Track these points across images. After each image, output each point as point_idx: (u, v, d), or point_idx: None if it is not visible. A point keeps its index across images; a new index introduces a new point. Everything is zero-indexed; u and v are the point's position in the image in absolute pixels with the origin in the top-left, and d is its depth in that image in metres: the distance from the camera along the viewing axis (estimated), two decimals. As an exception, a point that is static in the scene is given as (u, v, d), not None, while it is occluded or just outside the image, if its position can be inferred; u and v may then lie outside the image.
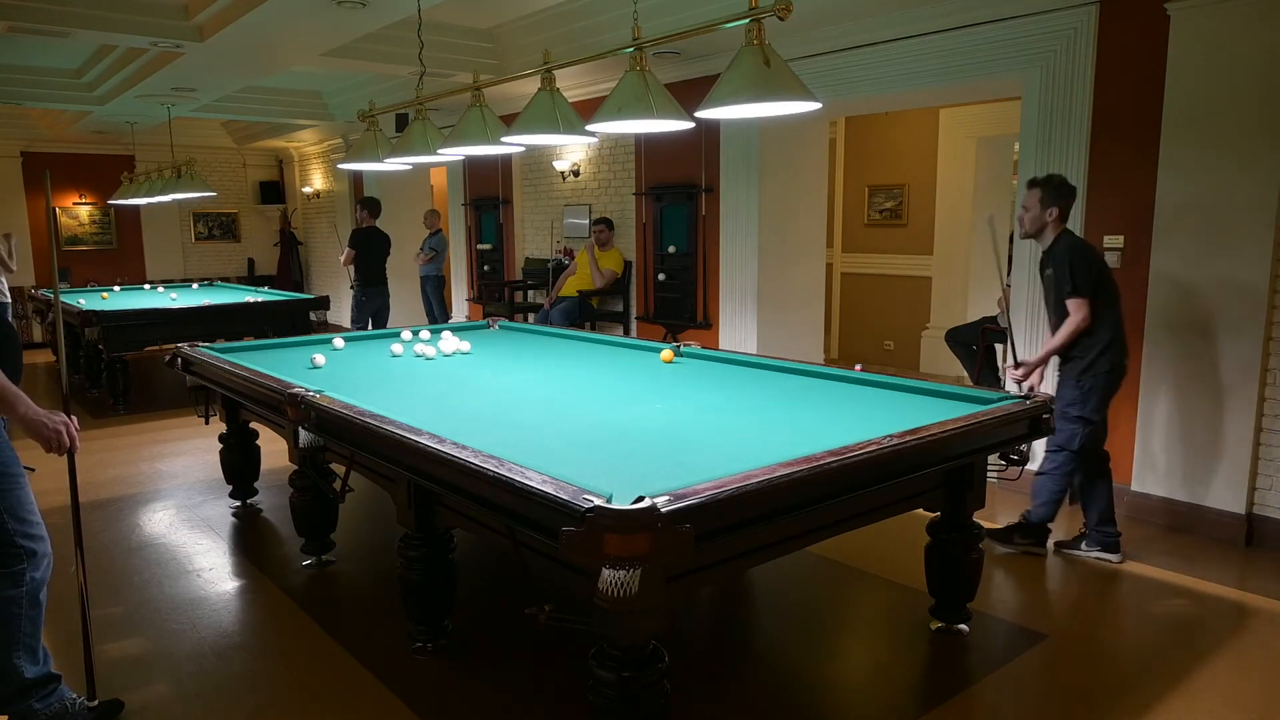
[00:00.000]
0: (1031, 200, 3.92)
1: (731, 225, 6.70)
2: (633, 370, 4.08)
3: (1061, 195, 3.89)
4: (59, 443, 2.43)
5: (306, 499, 3.82)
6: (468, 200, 9.88)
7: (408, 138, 4.24)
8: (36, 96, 8.54)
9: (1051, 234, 3.91)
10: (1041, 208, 3.89)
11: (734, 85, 2.66)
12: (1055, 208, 3.87)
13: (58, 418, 2.42)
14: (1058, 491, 3.99)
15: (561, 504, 2.02)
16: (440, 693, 2.87)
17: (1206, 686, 2.90)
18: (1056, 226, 3.90)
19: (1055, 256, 3.84)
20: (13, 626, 2.46)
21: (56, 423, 2.41)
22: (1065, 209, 3.91)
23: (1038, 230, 3.93)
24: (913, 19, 5.19)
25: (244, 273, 13.52)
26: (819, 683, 3.05)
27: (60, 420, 2.42)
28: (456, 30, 6.93)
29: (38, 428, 2.38)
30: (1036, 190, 3.91)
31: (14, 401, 2.34)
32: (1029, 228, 3.96)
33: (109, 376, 7.19)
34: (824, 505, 2.45)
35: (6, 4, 5.18)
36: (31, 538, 2.49)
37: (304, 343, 4.97)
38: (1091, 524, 4.01)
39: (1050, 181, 3.91)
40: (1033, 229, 3.95)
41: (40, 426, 2.38)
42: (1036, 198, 3.90)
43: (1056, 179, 3.93)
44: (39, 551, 2.51)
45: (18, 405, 2.34)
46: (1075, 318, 3.77)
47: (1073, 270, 3.75)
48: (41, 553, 2.52)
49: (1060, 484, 3.97)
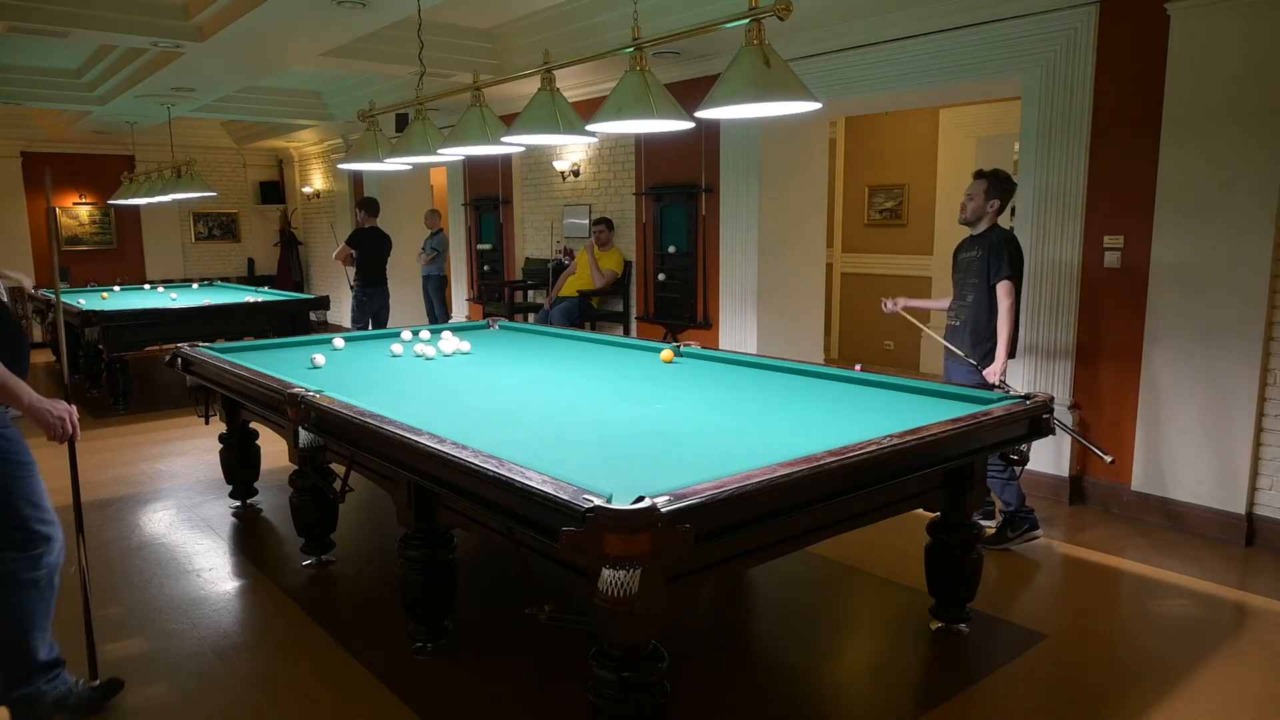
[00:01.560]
0: (977, 190, 4.15)
1: (731, 225, 6.70)
2: (633, 370, 4.08)
3: (1004, 189, 4.13)
4: (62, 430, 2.55)
5: (306, 499, 3.82)
6: (468, 200, 9.88)
7: (408, 138, 4.24)
8: (36, 96, 8.54)
9: (986, 224, 4.16)
10: (985, 199, 4.12)
11: (734, 85, 2.66)
12: (997, 199, 4.12)
13: (60, 406, 2.55)
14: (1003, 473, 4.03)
15: (561, 504, 2.02)
16: (440, 693, 2.87)
17: (1206, 686, 2.90)
18: (992, 218, 4.15)
19: (992, 243, 4.08)
20: (33, 609, 2.59)
21: (60, 411, 2.54)
22: (1005, 202, 4.16)
23: (977, 218, 4.16)
24: (913, 19, 5.19)
25: (244, 273, 13.52)
26: (819, 683, 3.05)
27: (63, 409, 2.55)
28: (456, 30, 6.93)
29: (42, 415, 2.51)
30: (983, 182, 4.13)
31: (18, 391, 2.46)
32: (970, 215, 4.19)
33: (109, 376, 7.18)
34: (824, 505, 2.44)
35: (6, 4, 5.18)
36: (46, 523, 2.61)
37: (304, 343, 4.97)
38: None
39: (996, 175, 4.15)
40: (974, 216, 4.17)
41: (45, 414, 2.52)
42: (982, 189, 4.13)
43: (1002, 174, 4.17)
44: (54, 537, 2.64)
45: (22, 395, 2.47)
46: (1009, 300, 4.03)
47: (1010, 258, 4.03)
48: (56, 538, 2.65)
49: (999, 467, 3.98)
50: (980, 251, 4.11)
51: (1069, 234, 4.68)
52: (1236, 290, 4.09)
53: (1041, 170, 4.74)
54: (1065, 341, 4.76)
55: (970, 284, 4.16)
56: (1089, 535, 4.31)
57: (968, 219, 4.19)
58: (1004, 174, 4.16)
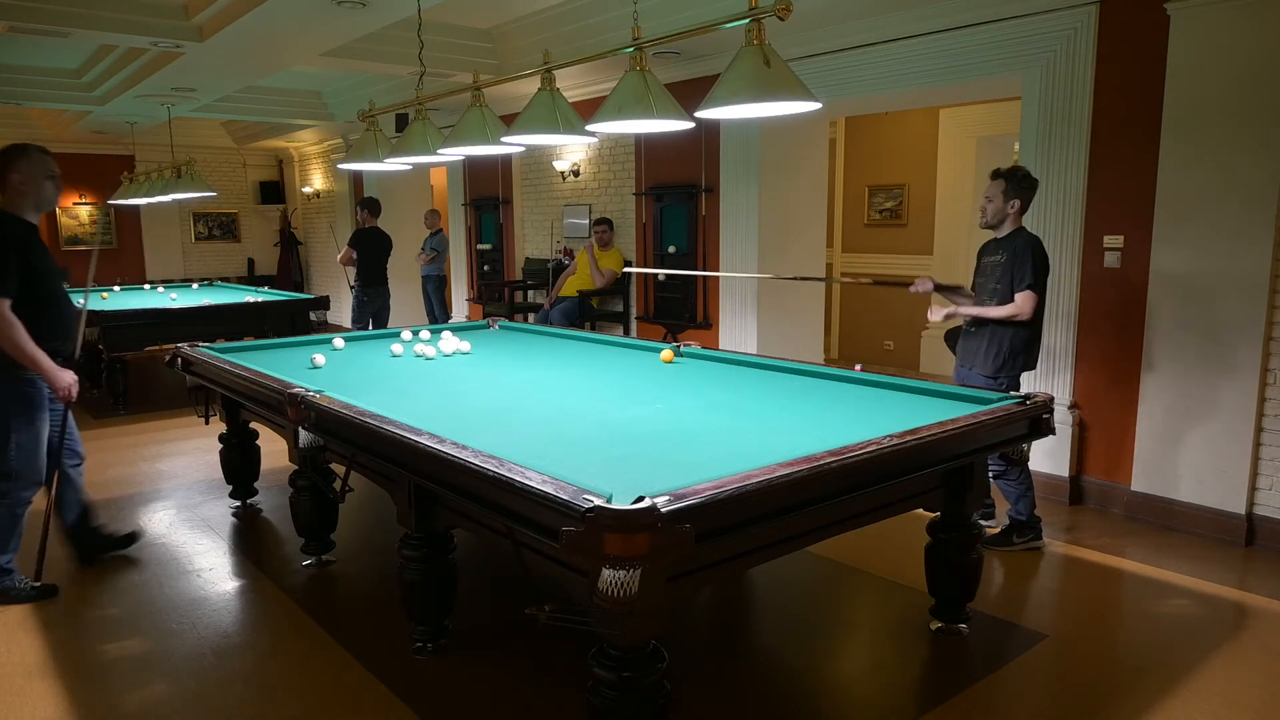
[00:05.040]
0: (995, 192, 3.96)
1: (731, 225, 6.70)
2: (633, 370, 4.07)
3: (1024, 188, 3.94)
4: (70, 392, 3.53)
5: (306, 499, 3.82)
6: (468, 200, 9.88)
7: (408, 138, 4.24)
8: (36, 96, 8.54)
9: (1010, 226, 3.97)
10: (1004, 199, 3.94)
11: (734, 85, 2.66)
12: (1018, 199, 3.93)
13: (69, 375, 3.54)
14: (1019, 481, 4.00)
15: (561, 504, 2.02)
16: (440, 693, 2.87)
17: (1206, 686, 2.90)
18: (1016, 220, 3.97)
19: (1017, 248, 3.88)
20: None
21: (69, 379, 3.53)
22: (1026, 202, 3.97)
23: (999, 221, 3.99)
24: (913, 19, 5.19)
25: (244, 273, 13.52)
26: (819, 683, 3.05)
27: (71, 378, 3.54)
28: (456, 30, 6.93)
29: (57, 379, 3.48)
30: (1001, 182, 3.95)
31: (39, 360, 3.41)
32: (991, 218, 4.00)
33: (109, 376, 7.18)
34: (824, 505, 2.44)
35: (6, 4, 5.19)
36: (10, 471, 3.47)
37: (304, 343, 4.97)
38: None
39: (1015, 174, 3.96)
40: (995, 220, 3.99)
41: (58, 379, 3.49)
42: (1000, 189, 3.95)
43: (1020, 172, 3.97)
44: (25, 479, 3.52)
45: (41, 362, 3.41)
46: (1025, 307, 3.82)
47: (1035, 266, 3.83)
48: (28, 480, 3.54)
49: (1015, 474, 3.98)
50: (1004, 256, 3.91)
51: (1069, 234, 4.68)
52: (1236, 290, 4.09)
53: (1041, 170, 4.73)
54: (1065, 342, 4.76)
55: (992, 289, 3.95)
56: (1089, 535, 4.31)
57: (989, 222, 4.00)
58: (1023, 171, 3.98)
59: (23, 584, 3.57)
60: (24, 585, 3.57)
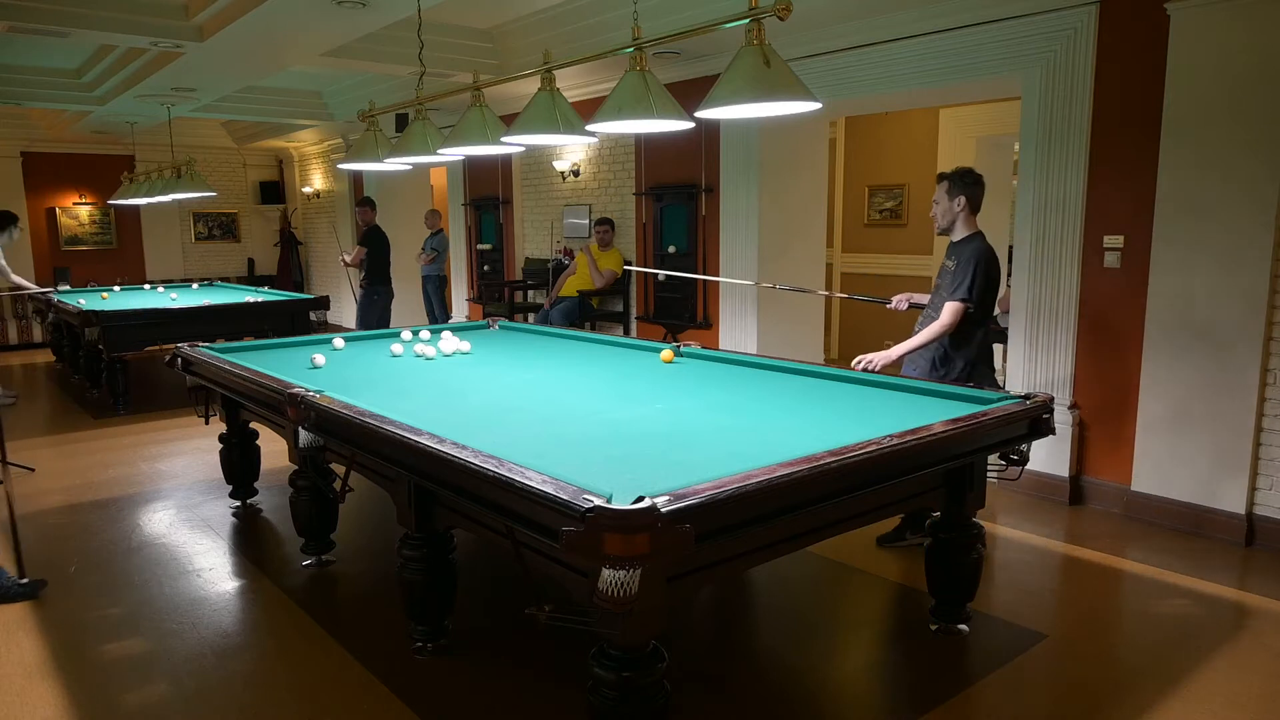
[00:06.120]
0: (940, 194, 3.94)
1: (731, 225, 6.70)
2: (633, 370, 4.07)
3: (967, 184, 3.88)
4: None
5: (306, 499, 3.82)
6: (468, 200, 9.88)
7: (408, 138, 4.24)
8: (36, 96, 8.54)
9: (964, 229, 3.92)
10: (949, 198, 3.90)
11: (734, 85, 2.66)
12: (962, 196, 3.88)
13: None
14: None
15: (561, 504, 2.02)
16: (440, 693, 2.87)
17: (1206, 686, 2.90)
18: (968, 220, 3.91)
19: (964, 255, 3.84)
20: None
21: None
22: (973, 199, 3.91)
23: (950, 223, 3.95)
24: (913, 19, 5.19)
25: (244, 273, 13.51)
26: (819, 683, 3.05)
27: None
28: (456, 30, 6.93)
29: None
30: (945, 183, 3.92)
31: None
32: (941, 222, 3.97)
33: (109, 376, 7.18)
34: (824, 505, 2.44)
35: (6, 4, 5.18)
36: None
37: (304, 343, 4.97)
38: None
39: (956, 173, 3.94)
40: (945, 222, 3.96)
41: None
42: (944, 190, 3.92)
43: (961, 170, 3.95)
44: None
45: None
46: (947, 319, 3.77)
47: (974, 281, 3.77)
48: None
49: None
50: (955, 263, 3.88)
51: (1069, 234, 4.68)
52: (1236, 290, 4.09)
53: (1041, 170, 4.74)
54: (1065, 341, 4.76)
55: (941, 297, 3.89)
56: (1089, 535, 4.31)
57: (941, 226, 3.97)
58: (965, 169, 3.95)
59: (9, 582, 3.62)
60: (10, 584, 3.61)
